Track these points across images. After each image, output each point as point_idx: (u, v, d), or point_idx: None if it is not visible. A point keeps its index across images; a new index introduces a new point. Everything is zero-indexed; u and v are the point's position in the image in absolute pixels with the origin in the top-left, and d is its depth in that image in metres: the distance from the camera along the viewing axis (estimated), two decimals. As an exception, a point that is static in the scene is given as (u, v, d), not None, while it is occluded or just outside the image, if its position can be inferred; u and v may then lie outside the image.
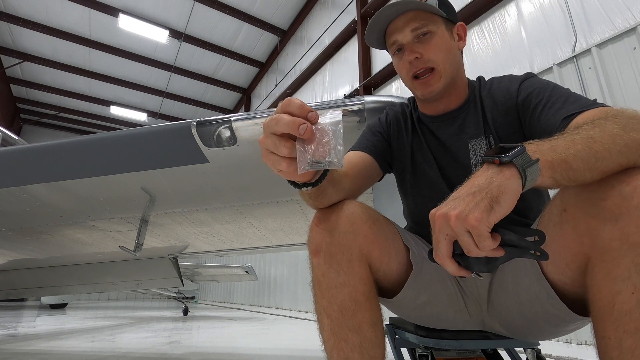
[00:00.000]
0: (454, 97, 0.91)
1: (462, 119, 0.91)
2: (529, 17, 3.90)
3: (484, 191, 0.51)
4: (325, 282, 0.74)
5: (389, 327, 1.09)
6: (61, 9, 8.92)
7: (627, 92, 2.89)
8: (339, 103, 1.32)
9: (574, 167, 0.53)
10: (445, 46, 0.85)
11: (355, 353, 0.71)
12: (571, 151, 0.53)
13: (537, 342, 0.90)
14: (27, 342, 3.46)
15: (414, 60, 0.85)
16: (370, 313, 0.73)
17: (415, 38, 0.85)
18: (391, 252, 0.79)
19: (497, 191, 0.50)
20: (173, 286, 3.13)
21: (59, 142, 1.51)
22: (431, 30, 0.84)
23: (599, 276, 0.56)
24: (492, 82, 0.92)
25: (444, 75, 0.86)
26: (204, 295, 14.51)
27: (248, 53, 11.04)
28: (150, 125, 1.44)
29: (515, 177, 0.51)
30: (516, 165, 0.51)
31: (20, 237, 2.18)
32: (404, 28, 0.85)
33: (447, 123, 0.92)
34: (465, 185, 0.54)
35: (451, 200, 0.54)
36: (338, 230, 0.73)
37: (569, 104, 0.71)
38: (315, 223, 0.76)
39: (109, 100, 12.51)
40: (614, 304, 0.53)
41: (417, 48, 0.84)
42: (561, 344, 2.94)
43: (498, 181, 0.51)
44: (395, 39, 0.87)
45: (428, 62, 0.84)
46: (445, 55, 0.85)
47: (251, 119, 1.32)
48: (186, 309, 7.42)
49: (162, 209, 1.91)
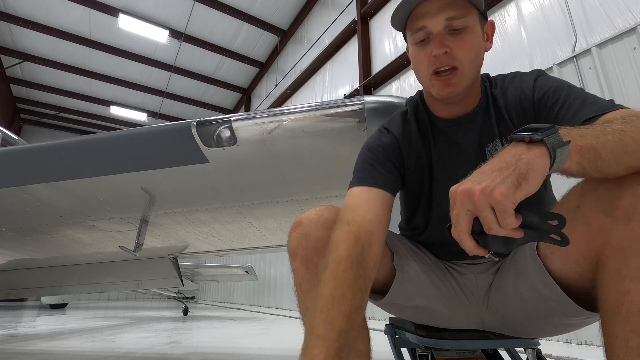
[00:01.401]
0: (472, 99, 0.84)
1: (480, 122, 0.84)
2: (529, 17, 3.90)
3: (511, 167, 0.49)
4: (305, 284, 0.77)
5: (389, 327, 1.09)
6: (61, 9, 8.92)
7: (627, 92, 2.89)
8: (339, 103, 1.32)
9: (602, 157, 0.52)
10: (476, 46, 0.76)
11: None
12: (601, 140, 0.52)
13: (537, 342, 0.90)
14: (27, 342, 3.46)
15: (442, 55, 0.74)
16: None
17: (448, 29, 0.74)
18: None
19: (525, 168, 0.48)
20: (173, 286, 3.13)
21: (59, 142, 1.51)
22: (468, 25, 0.74)
23: (609, 275, 0.56)
24: (502, 80, 0.86)
25: (467, 77, 0.77)
26: (204, 295, 14.51)
27: (248, 53, 11.03)
28: (150, 125, 1.44)
29: (544, 156, 0.49)
30: (547, 144, 0.50)
31: (20, 237, 2.18)
32: (437, 14, 0.73)
33: (467, 127, 0.85)
34: (491, 162, 0.52)
35: (476, 175, 0.51)
36: (313, 234, 0.76)
37: (588, 105, 0.69)
38: (292, 229, 0.80)
39: (109, 100, 12.51)
40: (623, 303, 0.53)
41: (448, 41, 0.74)
42: (561, 344, 2.94)
43: (527, 158, 0.49)
44: (424, 25, 0.75)
45: (454, 60, 0.74)
46: (475, 57, 0.76)
47: (251, 119, 1.32)
48: (186, 309, 7.42)
49: (162, 209, 1.91)
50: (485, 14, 0.80)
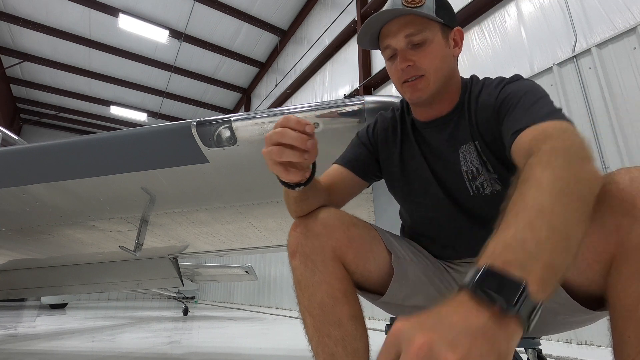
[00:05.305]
0: (446, 102, 0.89)
1: (453, 125, 0.88)
2: (529, 17, 3.91)
3: (488, 344, 0.35)
4: (304, 281, 0.79)
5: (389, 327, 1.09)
6: (61, 9, 8.92)
7: (627, 92, 2.89)
8: (338, 103, 1.32)
9: (557, 267, 0.43)
10: (439, 54, 0.82)
11: (339, 347, 0.74)
12: (543, 246, 0.43)
13: (538, 342, 0.90)
14: (27, 342, 3.46)
15: (406, 68, 0.82)
16: (348, 307, 0.77)
17: (409, 44, 0.81)
18: (368, 256, 0.82)
19: (505, 353, 0.36)
20: (173, 286, 3.13)
21: (59, 142, 1.51)
22: (426, 38, 0.81)
23: (625, 275, 0.55)
24: (482, 84, 0.88)
25: (433, 82, 0.83)
26: (204, 295, 14.51)
27: (248, 53, 11.04)
28: (150, 125, 1.44)
29: (518, 333, 0.38)
30: (522, 317, 0.38)
31: (20, 237, 2.18)
32: (397, 33, 0.81)
33: (439, 129, 0.90)
34: (454, 313, 0.38)
35: (437, 326, 0.37)
36: (312, 232, 0.79)
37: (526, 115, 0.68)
38: (292, 228, 0.83)
39: (109, 100, 12.51)
40: (638, 305, 0.52)
41: (411, 55, 0.81)
42: (561, 343, 2.94)
43: (505, 339, 0.37)
44: (389, 44, 0.83)
45: (419, 70, 0.82)
46: (439, 64, 0.82)
47: (251, 119, 1.32)
48: (186, 309, 7.42)
49: (162, 209, 1.91)
50: (450, 24, 0.85)
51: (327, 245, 0.78)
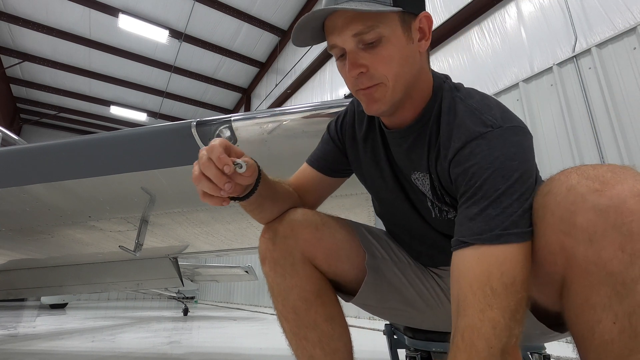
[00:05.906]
0: (409, 111, 0.72)
1: (411, 141, 0.73)
2: (529, 17, 3.90)
3: None
4: (276, 287, 0.78)
5: (387, 327, 1.09)
6: (61, 9, 8.91)
7: (627, 92, 2.89)
8: (338, 103, 1.32)
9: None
10: (400, 55, 0.64)
11: (317, 349, 0.74)
12: None
13: (542, 346, 0.89)
14: (27, 342, 3.46)
15: (359, 76, 0.64)
16: (323, 309, 0.76)
17: (360, 44, 0.62)
18: (340, 255, 0.80)
19: None
20: (173, 286, 3.13)
21: (59, 142, 1.51)
22: (381, 36, 0.61)
23: (577, 301, 0.52)
24: (459, 106, 0.68)
25: (393, 90, 0.66)
26: (204, 295, 14.50)
27: (248, 53, 11.03)
28: (150, 125, 1.44)
29: None
30: None
31: (20, 237, 2.18)
32: (343, 30, 0.62)
33: (398, 143, 0.76)
34: None
35: None
36: (279, 236, 0.78)
37: (478, 221, 0.57)
38: (261, 234, 0.82)
39: (109, 100, 12.50)
40: (594, 333, 0.49)
41: (362, 59, 0.63)
42: (561, 343, 2.94)
43: None
44: (334, 43, 0.64)
45: (373, 79, 0.64)
46: (399, 68, 0.64)
47: (251, 119, 1.32)
48: (186, 309, 7.41)
49: (162, 209, 1.91)
50: (413, 10, 0.65)
51: (295, 248, 0.76)
